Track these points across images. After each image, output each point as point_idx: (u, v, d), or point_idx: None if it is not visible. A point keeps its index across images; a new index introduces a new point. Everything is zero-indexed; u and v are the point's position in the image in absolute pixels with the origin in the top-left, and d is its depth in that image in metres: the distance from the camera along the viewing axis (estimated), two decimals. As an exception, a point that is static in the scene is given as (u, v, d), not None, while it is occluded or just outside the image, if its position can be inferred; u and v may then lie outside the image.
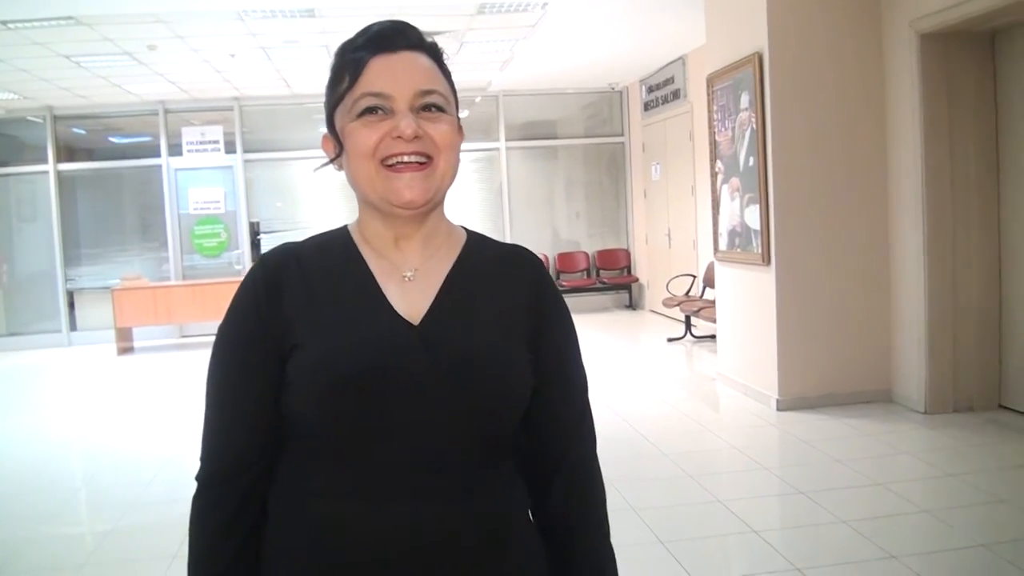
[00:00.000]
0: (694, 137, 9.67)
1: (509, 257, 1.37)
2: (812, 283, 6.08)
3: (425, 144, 1.21)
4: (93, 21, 7.27)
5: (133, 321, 10.86)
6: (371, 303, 1.24)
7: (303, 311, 1.23)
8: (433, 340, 1.22)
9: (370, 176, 1.22)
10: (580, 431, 1.37)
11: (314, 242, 1.32)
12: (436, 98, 1.24)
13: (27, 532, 4.55)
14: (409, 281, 1.27)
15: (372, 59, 1.22)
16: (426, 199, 1.22)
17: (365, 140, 1.21)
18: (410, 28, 1.27)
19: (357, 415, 1.18)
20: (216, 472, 1.27)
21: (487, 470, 1.25)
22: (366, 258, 1.29)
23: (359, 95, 1.22)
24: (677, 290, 9.94)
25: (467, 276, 1.30)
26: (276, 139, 12.14)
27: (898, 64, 5.84)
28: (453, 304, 1.26)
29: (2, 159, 11.92)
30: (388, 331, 1.22)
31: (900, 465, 4.87)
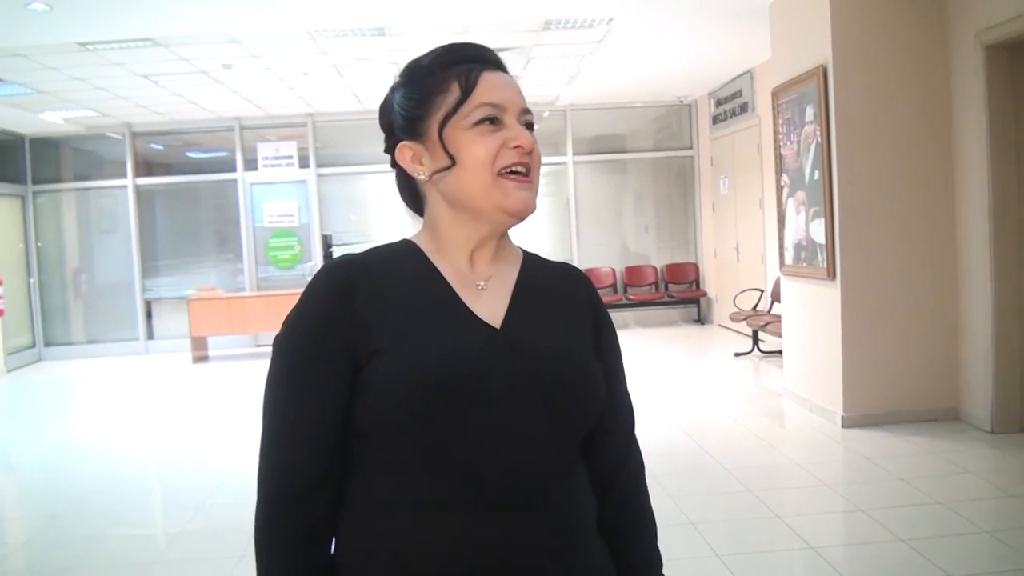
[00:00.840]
0: (762, 150, 9.60)
1: (565, 273, 1.41)
2: (877, 298, 6.01)
3: (532, 158, 1.26)
4: (170, 42, 7.52)
5: (208, 330, 11.16)
6: (451, 308, 1.25)
7: (380, 315, 1.21)
8: (518, 342, 1.24)
9: (486, 185, 1.24)
10: (631, 438, 1.41)
11: (378, 253, 1.31)
12: (532, 118, 1.30)
13: (100, 531, 4.73)
14: (483, 289, 1.29)
15: (484, 73, 1.26)
16: (533, 208, 1.28)
17: (482, 150, 1.23)
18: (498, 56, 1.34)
19: (445, 420, 1.16)
20: (281, 493, 1.22)
21: (566, 476, 1.25)
22: (438, 266, 1.29)
23: (477, 104, 1.24)
24: (745, 304, 9.86)
25: (533, 285, 1.34)
26: (348, 154, 12.36)
27: (964, 76, 5.76)
28: (529, 309, 1.29)
29: (83, 174, 12.37)
30: (473, 335, 1.22)
31: (963, 485, 4.79)
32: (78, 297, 12.42)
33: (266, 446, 1.24)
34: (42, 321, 12.12)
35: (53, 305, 12.26)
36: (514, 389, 1.19)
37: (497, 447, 1.18)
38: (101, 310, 12.39)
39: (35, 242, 12.09)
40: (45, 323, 12.16)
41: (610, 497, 1.36)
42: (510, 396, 1.19)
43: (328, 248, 12.29)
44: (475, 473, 1.18)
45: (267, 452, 1.24)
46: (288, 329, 1.25)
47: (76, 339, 12.31)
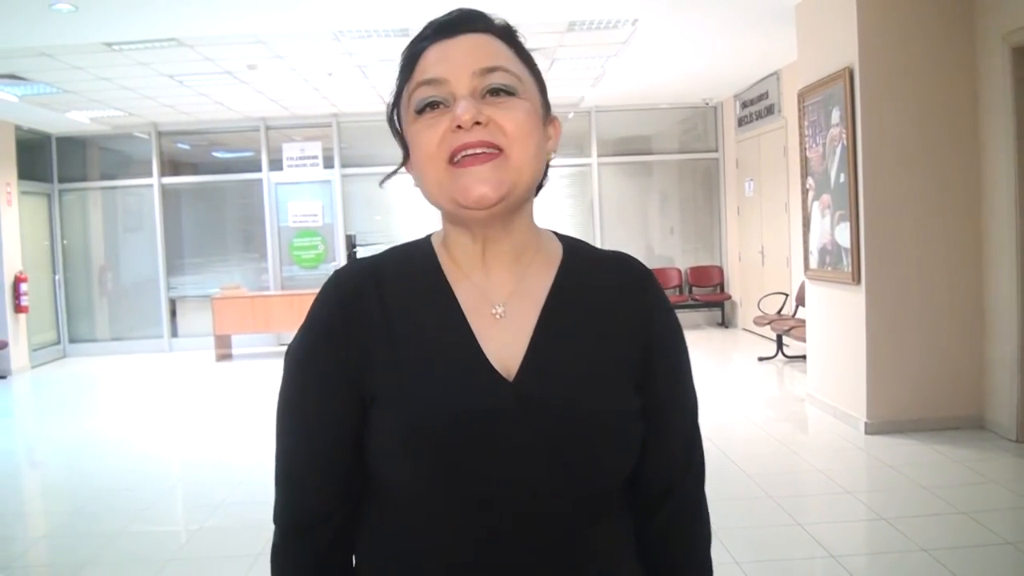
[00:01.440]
0: (788, 153, 9.53)
1: (614, 271, 1.19)
2: (903, 304, 5.93)
3: (492, 132, 1.04)
4: (195, 42, 7.55)
5: (232, 329, 11.22)
6: (460, 350, 1.09)
7: (383, 351, 1.09)
8: (530, 399, 1.06)
9: (439, 179, 1.06)
10: (688, 465, 1.22)
11: (395, 260, 1.18)
12: (502, 77, 1.07)
13: (120, 527, 4.75)
14: (500, 319, 1.11)
15: (426, 50, 1.09)
16: (500, 193, 1.04)
17: (426, 141, 1.06)
18: (477, 13, 1.12)
19: (445, 478, 1.05)
20: (293, 523, 1.16)
21: (588, 530, 1.11)
22: (452, 283, 1.14)
23: (413, 86, 1.08)
24: (769, 308, 9.79)
25: (566, 305, 1.13)
26: (373, 154, 12.38)
27: (991, 78, 5.68)
28: (552, 348, 1.10)
29: (109, 173, 12.48)
30: (479, 389, 1.07)
31: (987, 494, 4.71)
32: (103, 294, 12.53)
33: (278, 472, 1.17)
34: (67, 318, 12.25)
35: (78, 302, 12.38)
36: (522, 450, 1.05)
37: (501, 507, 1.06)
38: (126, 308, 12.49)
39: (61, 240, 12.22)
40: (70, 320, 12.29)
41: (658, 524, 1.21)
42: (517, 457, 1.05)
43: (352, 248, 12.31)
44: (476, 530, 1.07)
45: (279, 480, 1.17)
46: (296, 346, 1.15)
47: (101, 336, 12.42)
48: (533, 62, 1.15)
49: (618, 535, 1.16)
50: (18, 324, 10.82)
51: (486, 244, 1.13)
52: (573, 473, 1.06)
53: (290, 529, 1.15)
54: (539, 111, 1.11)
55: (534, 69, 1.15)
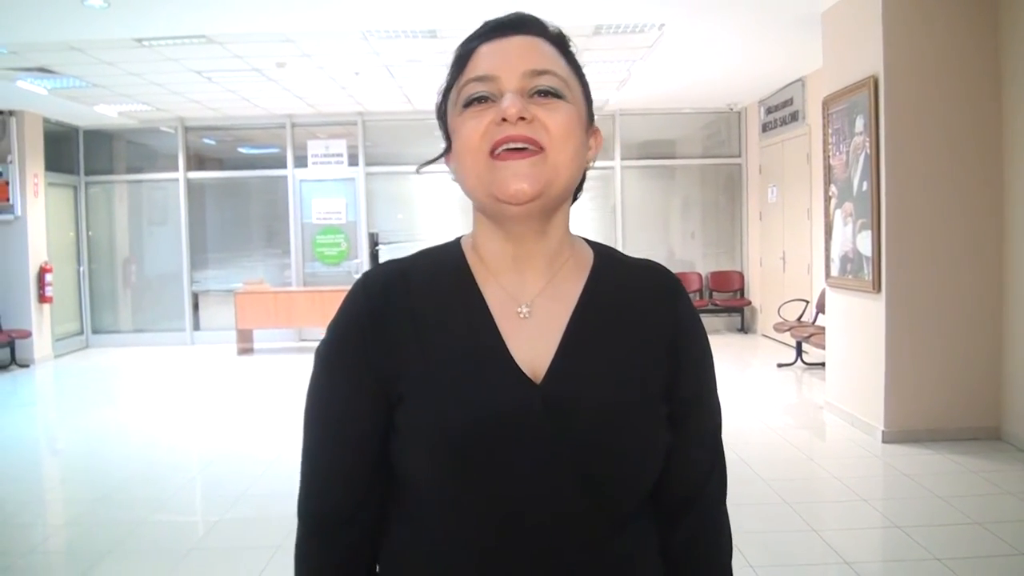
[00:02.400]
0: (811, 160, 9.51)
1: (644, 279, 1.20)
2: (923, 314, 5.93)
3: (535, 130, 1.05)
4: (224, 39, 7.63)
5: (254, 323, 11.31)
6: (487, 351, 1.09)
7: (411, 354, 1.09)
8: (557, 404, 1.06)
9: (478, 171, 1.06)
10: (710, 476, 1.22)
11: (425, 262, 1.18)
12: (551, 80, 1.08)
13: (141, 517, 4.82)
14: (526, 319, 1.11)
15: (481, 45, 1.11)
16: (537, 189, 1.04)
17: (470, 132, 1.06)
18: (533, 18, 1.14)
19: (471, 480, 1.05)
20: (316, 522, 1.17)
21: (613, 538, 1.11)
22: (480, 284, 1.14)
23: (464, 82, 1.10)
24: (789, 315, 9.78)
25: (595, 310, 1.13)
26: (397, 153, 12.46)
27: (1016, 92, 5.67)
28: (580, 352, 1.10)
29: (136, 166, 12.59)
30: (506, 391, 1.07)
31: (1003, 505, 4.71)
32: (126, 286, 12.64)
33: (304, 468, 1.18)
34: (90, 309, 12.38)
35: (102, 293, 12.50)
36: (546, 457, 1.05)
37: (526, 512, 1.06)
38: (149, 300, 12.61)
39: (86, 231, 12.35)
40: (93, 311, 12.41)
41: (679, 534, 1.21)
42: (543, 461, 1.05)
43: (375, 246, 12.38)
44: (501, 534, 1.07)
45: (305, 476, 1.18)
46: (325, 344, 1.17)
47: (123, 327, 12.54)
48: (581, 71, 1.17)
49: (642, 544, 1.16)
50: (42, 314, 10.96)
51: (518, 245, 1.13)
52: (598, 479, 1.06)
53: (314, 526, 1.17)
54: (583, 117, 1.13)
55: (582, 78, 1.16)
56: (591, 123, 1.17)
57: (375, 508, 1.15)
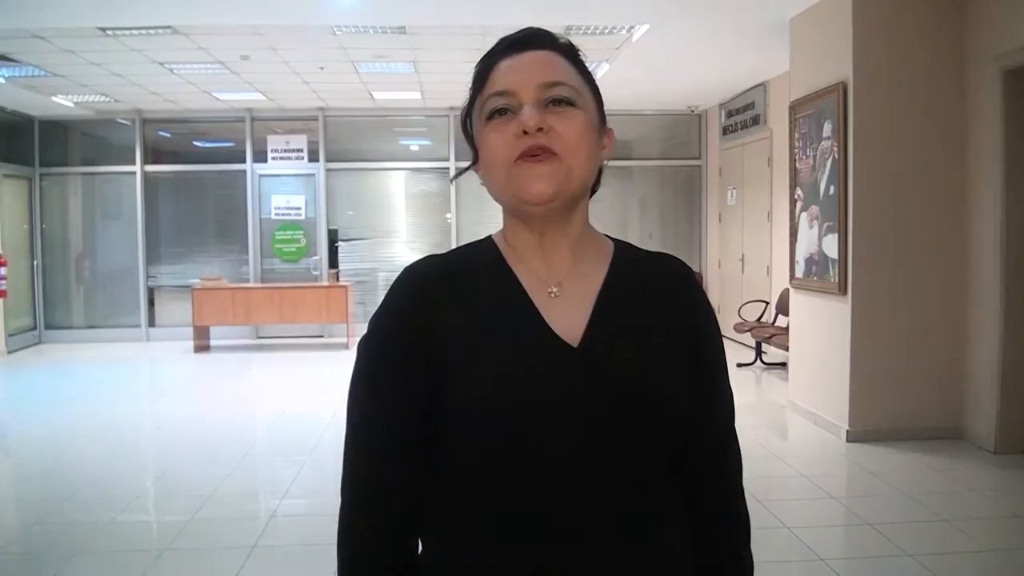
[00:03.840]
0: (772, 163, 9.64)
1: (661, 268, 1.29)
2: (887, 315, 6.05)
3: (551, 138, 1.14)
4: (191, 31, 7.53)
5: (211, 320, 11.18)
6: (525, 322, 1.18)
7: (454, 330, 1.16)
8: (595, 363, 1.15)
9: (505, 178, 1.16)
10: (729, 443, 1.32)
11: (459, 253, 1.28)
12: (564, 90, 1.17)
13: (109, 517, 4.74)
14: (556, 297, 1.20)
15: (498, 64, 1.20)
16: (555, 190, 1.15)
17: (495, 143, 1.16)
18: (545, 32, 1.24)
19: (515, 446, 1.12)
20: (356, 498, 1.22)
21: (646, 503, 1.17)
22: (514, 269, 1.22)
23: (486, 96, 1.19)
24: (749, 316, 9.90)
25: (620, 291, 1.23)
26: (358, 149, 12.40)
27: (981, 99, 5.81)
28: (611, 321, 1.19)
29: (90, 158, 12.36)
30: (546, 354, 1.15)
31: (968, 503, 4.84)
32: (80, 281, 12.42)
33: (346, 451, 1.23)
34: (44, 304, 12.13)
35: (56, 288, 12.27)
36: (588, 413, 1.12)
37: (567, 475, 1.12)
38: (103, 295, 12.41)
39: (40, 224, 12.10)
40: (47, 306, 12.18)
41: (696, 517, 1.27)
42: (583, 421, 1.12)
43: (334, 243, 12.31)
44: (542, 501, 1.13)
45: (346, 457, 1.23)
46: (369, 333, 1.23)
47: (77, 323, 12.32)
48: (592, 78, 1.26)
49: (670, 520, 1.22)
50: (-5, 309, 10.73)
51: (544, 235, 1.22)
52: (634, 432, 1.14)
53: (359, 500, 1.21)
54: (595, 122, 1.22)
55: (592, 84, 1.25)
56: (603, 124, 1.26)
57: (416, 486, 1.20)
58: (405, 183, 12.48)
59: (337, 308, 11.13)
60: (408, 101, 11.38)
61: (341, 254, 12.39)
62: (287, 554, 4.18)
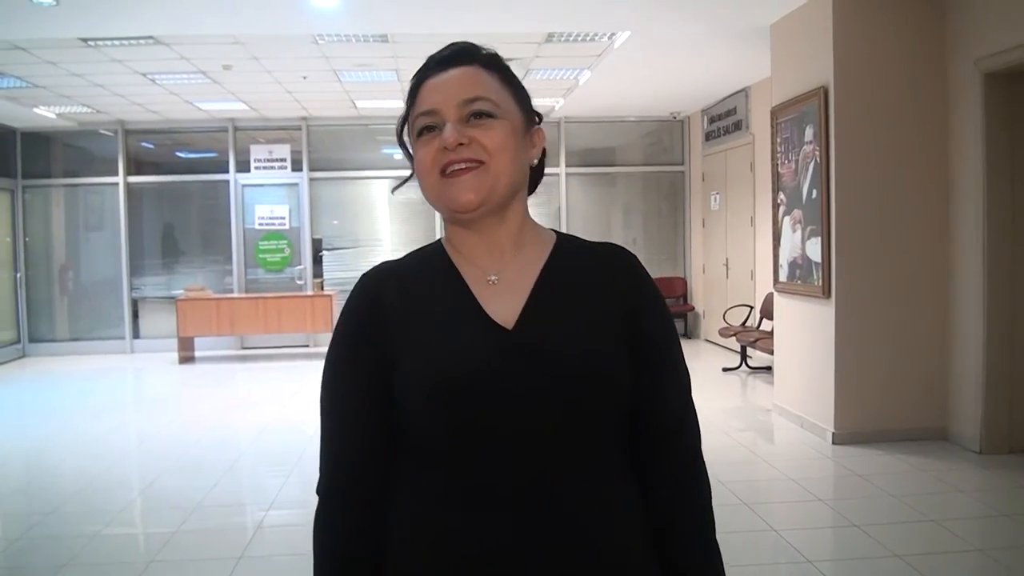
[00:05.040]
0: (755, 168, 9.69)
1: (602, 256, 1.37)
2: (871, 318, 6.08)
3: (474, 150, 1.25)
4: (173, 41, 7.51)
5: (195, 331, 11.12)
6: (464, 310, 1.28)
7: (401, 327, 1.27)
8: (528, 344, 1.24)
9: (434, 189, 1.28)
10: (684, 418, 1.38)
11: (411, 257, 1.39)
12: (482, 104, 1.27)
13: (95, 530, 4.71)
14: (495, 284, 1.30)
15: (425, 82, 1.30)
16: (481, 198, 1.25)
17: (423, 158, 1.28)
18: (468, 47, 1.32)
19: (458, 424, 1.21)
20: (334, 485, 1.31)
21: (587, 473, 1.25)
22: (458, 267, 1.33)
23: (415, 115, 1.29)
24: (734, 320, 9.93)
25: (558, 278, 1.32)
26: (341, 158, 12.39)
27: (962, 102, 5.86)
28: (545, 307, 1.28)
29: (73, 170, 12.29)
30: (483, 337, 1.25)
31: (955, 503, 4.87)
32: (64, 294, 12.35)
33: (321, 446, 1.34)
34: (27, 317, 12.05)
35: (39, 301, 12.19)
36: (523, 391, 1.21)
37: (508, 449, 1.21)
38: (87, 308, 12.33)
39: (23, 237, 12.03)
40: (30, 319, 12.09)
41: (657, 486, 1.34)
42: (519, 398, 1.21)
43: (318, 252, 12.29)
44: (487, 473, 1.21)
45: (322, 453, 1.33)
46: (332, 339, 1.35)
47: (61, 336, 12.24)
48: (517, 83, 1.36)
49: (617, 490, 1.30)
50: (-23, 322, 10.65)
51: (482, 234, 1.32)
52: (566, 407, 1.22)
53: (331, 493, 1.31)
54: (518, 126, 1.32)
55: (518, 90, 1.35)
56: (531, 125, 1.36)
57: (382, 474, 1.29)
58: (388, 192, 12.47)
59: (322, 317, 11.10)
60: (391, 110, 11.37)
61: (326, 263, 12.36)
62: (274, 565, 4.16)
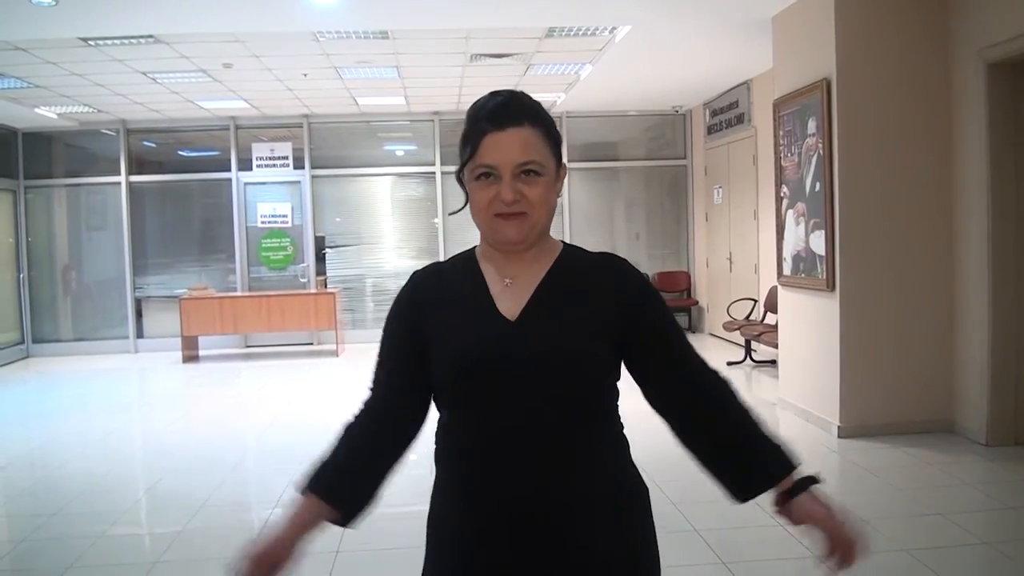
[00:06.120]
0: (758, 161, 9.66)
1: (598, 264, 1.72)
2: (876, 310, 6.07)
3: (522, 204, 1.60)
4: (173, 40, 7.51)
5: (199, 330, 11.13)
6: (481, 305, 1.66)
7: (435, 315, 1.68)
8: (526, 334, 1.61)
9: (486, 223, 1.64)
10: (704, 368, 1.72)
11: (452, 259, 1.79)
12: (532, 166, 1.60)
13: (100, 531, 4.70)
14: (509, 287, 1.67)
15: (486, 136, 1.59)
16: (524, 239, 1.64)
17: (480, 199, 1.62)
18: (523, 104, 1.64)
19: (473, 394, 1.60)
20: (372, 402, 1.74)
21: (578, 434, 1.59)
22: (483, 270, 1.71)
23: (476, 165, 1.61)
24: (738, 314, 9.91)
25: (558, 281, 1.67)
26: (343, 156, 12.38)
27: (965, 93, 5.83)
28: (544, 305, 1.64)
29: (75, 170, 12.29)
30: (492, 327, 1.63)
31: (961, 496, 4.86)
32: (67, 294, 12.37)
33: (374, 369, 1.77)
34: (31, 317, 12.06)
35: (42, 301, 12.20)
36: (521, 370, 1.57)
37: (511, 413, 1.57)
38: (90, 307, 12.35)
39: (26, 237, 12.03)
40: (34, 320, 12.10)
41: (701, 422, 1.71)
42: (519, 375, 1.57)
43: (321, 250, 12.28)
44: (497, 432, 1.58)
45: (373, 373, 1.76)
46: (391, 309, 1.77)
47: (64, 336, 12.25)
48: (554, 133, 1.67)
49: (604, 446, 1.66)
50: (-18, 324, 10.64)
51: (510, 254, 1.69)
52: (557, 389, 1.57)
53: (366, 405, 1.74)
54: (553, 175, 1.65)
55: (554, 140, 1.66)
56: (560, 164, 1.68)
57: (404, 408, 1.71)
58: (391, 188, 12.47)
59: (326, 315, 11.10)
60: (392, 106, 11.37)
61: (328, 261, 12.36)
62: (280, 564, 4.15)
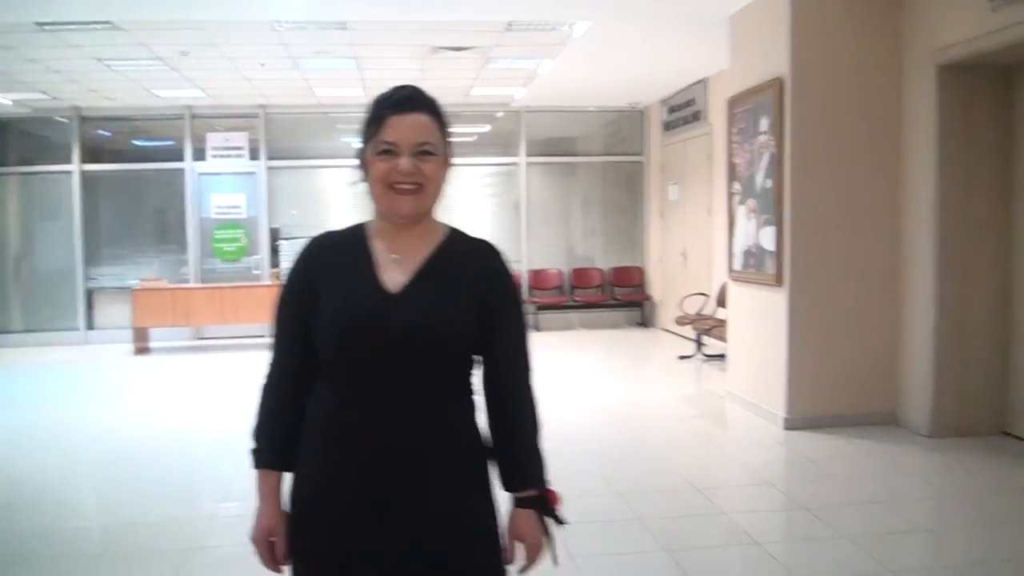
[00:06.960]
0: (713, 159, 9.78)
1: (475, 249, 1.93)
2: (823, 305, 6.19)
3: (418, 176, 1.80)
4: (130, 26, 7.44)
5: (151, 322, 11.03)
6: (367, 278, 1.85)
7: (323, 282, 1.86)
8: (403, 304, 1.81)
9: (382, 195, 1.83)
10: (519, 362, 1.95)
11: (342, 231, 1.96)
12: (428, 147, 1.81)
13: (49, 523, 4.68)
14: (395, 262, 1.86)
15: (389, 117, 1.81)
16: (416, 212, 1.84)
17: (380, 170, 1.81)
18: (423, 97, 1.85)
19: (351, 353, 1.80)
20: (274, 372, 1.93)
21: (438, 389, 1.84)
22: (371, 246, 1.89)
23: (379, 140, 1.81)
24: (691, 309, 10.03)
25: (440, 261, 1.88)
26: (300, 147, 12.32)
27: (917, 94, 5.97)
28: (424, 281, 1.85)
29: (27, 158, 12.10)
30: (372, 298, 1.82)
31: (902, 485, 4.98)
32: (17, 284, 12.16)
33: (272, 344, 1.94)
34: (-20, 307, 11.86)
35: (-9, 291, 12.00)
36: (394, 336, 1.78)
37: (384, 370, 1.79)
38: (41, 298, 12.15)
39: (-24, 225, 11.82)
40: (-17, 309, 11.90)
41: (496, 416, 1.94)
42: (391, 340, 1.78)
43: (275, 241, 12.19)
44: (370, 384, 1.80)
45: (271, 347, 1.94)
46: (286, 277, 1.93)
47: (14, 327, 12.06)
48: (446, 120, 1.88)
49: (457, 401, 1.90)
50: (-71, 312, 10.44)
51: (400, 228, 1.88)
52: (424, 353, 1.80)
53: (273, 374, 1.94)
54: (445, 160, 1.87)
55: (446, 130, 1.87)
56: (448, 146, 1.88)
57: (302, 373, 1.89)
58: (348, 181, 12.38)
59: (280, 307, 11.01)
60: (350, 98, 11.32)
61: (283, 253, 12.28)
62: (225, 556, 4.10)
